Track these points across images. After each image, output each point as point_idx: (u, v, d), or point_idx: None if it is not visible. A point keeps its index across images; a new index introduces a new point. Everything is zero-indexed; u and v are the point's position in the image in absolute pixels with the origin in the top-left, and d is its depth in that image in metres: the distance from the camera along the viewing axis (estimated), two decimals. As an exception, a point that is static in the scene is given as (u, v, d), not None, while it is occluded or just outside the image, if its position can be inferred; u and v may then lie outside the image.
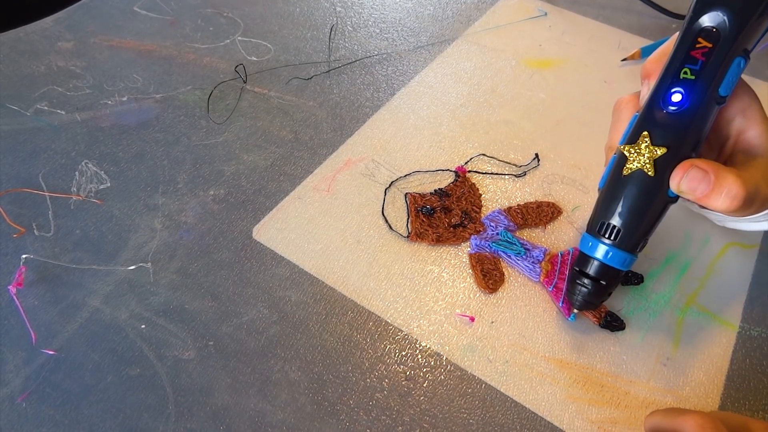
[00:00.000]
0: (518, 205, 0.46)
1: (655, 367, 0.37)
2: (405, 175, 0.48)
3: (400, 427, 0.34)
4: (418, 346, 0.38)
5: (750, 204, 0.32)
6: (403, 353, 0.38)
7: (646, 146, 0.33)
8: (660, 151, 0.32)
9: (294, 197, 0.46)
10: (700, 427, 0.27)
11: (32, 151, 0.48)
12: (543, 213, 0.45)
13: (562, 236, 0.44)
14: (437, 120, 0.53)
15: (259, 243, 0.43)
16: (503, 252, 0.42)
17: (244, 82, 0.56)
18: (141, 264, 0.41)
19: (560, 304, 0.39)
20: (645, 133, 0.33)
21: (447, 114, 0.54)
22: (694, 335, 0.39)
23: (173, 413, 0.34)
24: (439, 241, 0.43)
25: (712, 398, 0.36)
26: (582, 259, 0.36)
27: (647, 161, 0.33)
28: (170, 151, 0.49)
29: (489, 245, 0.42)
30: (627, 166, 0.33)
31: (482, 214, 0.45)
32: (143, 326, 0.38)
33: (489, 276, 0.41)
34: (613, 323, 0.39)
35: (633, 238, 0.34)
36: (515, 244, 0.43)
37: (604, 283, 0.35)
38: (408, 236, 0.43)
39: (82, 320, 0.38)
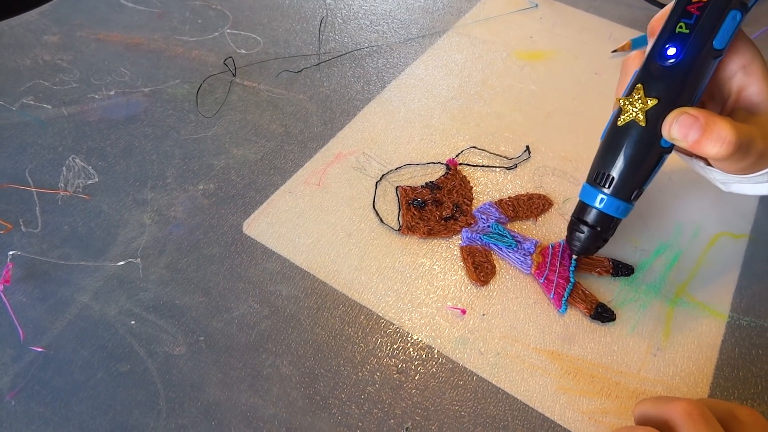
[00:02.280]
0: (509, 197, 0.46)
1: (646, 357, 0.37)
2: (396, 168, 0.48)
3: (392, 420, 0.34)
4: (409, 339, 0.38)
5: (744, 154, 0.32)
6: (395, 346, 0.38)
7: (639, 98, 0.34)
8: (651, 102, 0.34)
9: (284, 191, 0.46)
10: (688, 413, 0.27)
11: (18, 147, 0.48)
12: (534, 205, 0.45)
13: (553, 228, 0.44)
14: (428, 113, 0.53)
15: (249, 237, 0.43)
16: (494, 244, 0.42)
17: (234, 75, 0.55)
18: (130, 259, 0.41)
19: (551, 296, 0.39)
20: (639, 85, 0.34)
21: (438, 106, 0.53)
22: (684, 325, 0.39)
23: (164, 409, 0.34)
24: (430, 234, 0.43)
25: (702, 388, 0.36)
26: (580, 207, 0.38)
27: (639, 112, 0.34)
28: (159, 146, 0.49)
29: (480, 238, 0.42)
30: (621, 117, 0.35)
31: (473, 207, 0.45)
32: (133, 322, 0.38)
33: (480, 268, 0.41)
34: (603, 314, 0.39)
35: (627, 187, 0.35)
36: (506, 237, 0.43)
37: (599, 229, 0.37)
38: (399, 229, 0.43)
39: (71, 317, 0.38)
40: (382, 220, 0.44)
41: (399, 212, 0.44)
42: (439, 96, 0.54)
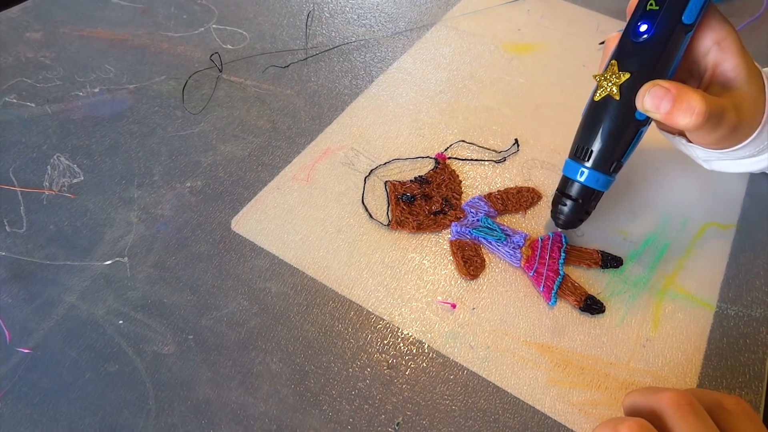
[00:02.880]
0: (498, 191, 0.46)
1: (635, 348, 0.38)
2: (384, 163, 0.47)
3: (383, 416, 0.34)
4: (399, 334, 0.38)
5: (716, 125, 0.34)
6: (385, 342, 0.37)
7: (613, 73, 0.36)
8: (624, 76, 0.35)
9: (272, 187, 0.45)
10: (676, 403, 0.27)
11: (2, 146, 0.47)
12: (523, 198, 0.45)
13: (542, 221, 0.44)
14: (416, 107, 0.52)
15: (237, 234, 0.42)
16: (484, 238, 0.42)
17: (220, 71, 0.55)
18: (117, 258, 0.41)
19: (541, 289, 0.40)
20: (614, 61, 0.36)
21: (426, 100, 0.53)
22: (673, 316, 0.39)
23: (154, 408, 0.34)
24: (419, 228, 0.43)
25: (691, 377, 0.37)
26: (563, 181, 0.40)
27: (614, 86, 0.36)
28: (145, 143, 0.48)
29: (469, 232, 0.42)
30: (597, 92, 0.37)
31: (462, 201, 0.45)
32: (121, 321, 0.37)
33: (470, 262, 0.41)
34: (593, 306, 0.39)
35: (606, 160, 0.37)
36: (496, 230, 0.43)
37: (581, 201, 0.39)
38: (388, 224, 0.43)
39: (57, 317, 0.38)
40: (371, 216, 0.44)
41: (388, 207, 0.44)
42: (427, 90, 0.54)
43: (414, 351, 0.37)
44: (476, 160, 0.48)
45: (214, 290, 0.39)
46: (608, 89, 0.36)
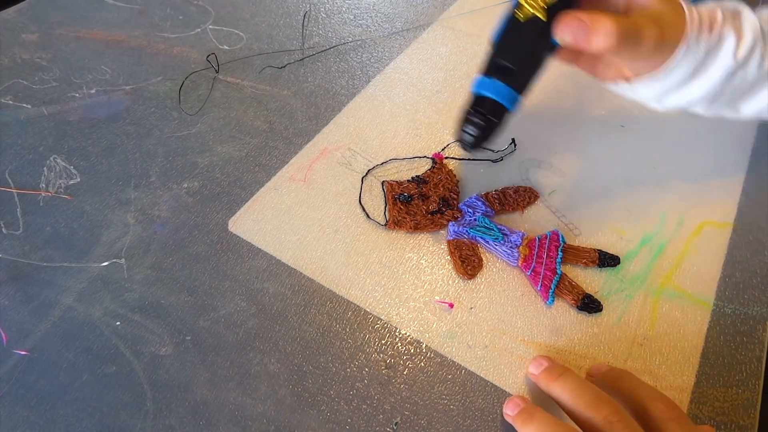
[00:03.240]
0: (495, 190, 0.46)
1: (632, 346, 0.38)
2: (382, 163, 0.47)
3: (381, 416, 0.34)
4: (397, 334, 0.38)
5: (636, 41, 0.34)
6: (383, 342, 0.37)
7: None
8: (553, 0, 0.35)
9: (270, 188, 0.45)
10: (609, 422, 0.29)
11: (-2, 147, 0.47)
12: (520, 198, 0.45)
13: (539, 220, 0.44)
14: (413, 107, 0.52)
15: (235, 235, 0.42)
16: (481, 238, 0.42)
17: (216, 71, 0.55)
18: (114, 260, 0.41)
19: (538, 288, 0.40)
20: None
21: (423, 100, 0.53)
22: (670, 314, 0.39)
23: (151, 410, 0.34)
24: (416, 228, 0.43)
25: (688, 376, 0.37)
26: (474, 99, 0.38)
27: (541, 7, 0.35)
28: (142, 144, 0.48)
29: (467, 231, 0.42)
30: (523, 12, 0.36)
31: (460, 201, 0.45)
32: (118, 323, 0.37)
33: (467, 262, 0.41)
34: (590, 305, 0.39)
35: (521, 78, 0.37)
36: (493, 230, 0.43)
37: (493, 118, 0.37)
38: (386, 224, 0.43)
39: (54, 319, 0.37)
40: (368, 216, 0.44)
41: (385, 207, 0.44)
42: (424, 90, 0.54)
43: (412, 351, 0.37)
44: (473, 159, 0.48)
45: (211, 291, 0.39)
46: (537, 7, 0.35)
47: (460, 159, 0.48)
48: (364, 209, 0.44)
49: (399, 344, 0.37)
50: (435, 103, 0.53)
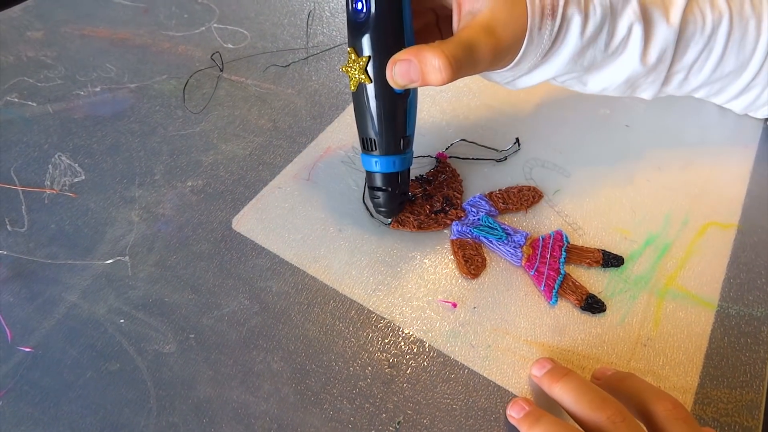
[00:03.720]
0: (499, 190, 0.46)
1: (636, 347, 0.38)
2: (385, 162, 0.47)
3: (384, 415, 0.34)
4: (400, 333, 0.38)
5: (472, 63, 0.33)
6: (386, 341, 0.37)
7: (354, 60, 0.35)
8: (364, 60, 0.34)
9: (274, 186, 0.45)
10: (612, 422, 0.29)
11: (3, 145, 0.47)
12: (524, 197, 0.45)
13: (543, 220, 0.44)
14: (417, 106, 0.52)
15: (238, 234, 0.42)
16: (485, 237, 0.42)
17: (221, 70, 0.55)
18: (118, 258, 0.41)
19: (542, 288, 0.40)
20: (350, 49, 0.35)
21: (427, 99, 0.53)
22: (674, 315, 0.39)
23: (155, 407, 0.34)
24: (420, 227, 0.43)
25: (692, 377, 0.36)
26: (367, 176, 0.40)
27: (360, 73, 0.35)
28: (146, 142, 0.48)
29: (470, 231, 0.42)
30: (351, 84, 0.36)
31: (463, 200, 0.45)
32: (122, 320, 0.38)
33: (471, 261, 0.41)
34: (594, 305, 0.39)
35: (391, 142, 0.37)
36: (496, 229, 0.43)
37: (390, 189, 0.39)
38: (389, 224, 0.43)
39: (59, 316, 0.38)
40: (372, 215, 0.44)
41: (389, 206, 0.44)
42: (428, 89, 0.54)
43: (415, 350, 0.37)
44: (477, 159, 0.48)
45: (215, 289, 0.39)
46: (358, 77, 0.35)
47: (463, 158, 0.48)
48: (368, 208, 0.44)
49: (402, 343, 0.37)
50: (439, 102, 0.53)
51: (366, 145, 0.38)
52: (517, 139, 0.49)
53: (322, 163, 0.47)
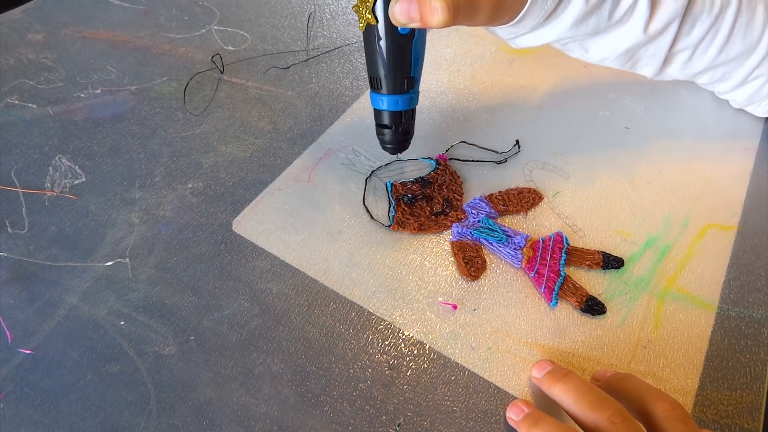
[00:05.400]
0: (499, 191, 0.46)
1: (636, 349, 0.38)
2: (386, 164, 0.47)
3: (384, 417, 0.34)
4: (400, 335, 0.38)
5: (472, 10, 0.34)
6: (386, 343, 0.37)
7: (363, 0, 0.36)
8: (371, 0, 0.35)
9: (274, 188, 0.45)
10: (611, 422, 0.29)
11: (4, 147, 0.47)
12: (524, 199, 0.45)
13: (543, 222, 0.44)
14: (417, 108, 0.52)
15: (239, 235, 0.42)
16: (485, 239, 0.42)
17: (221, 72, 0.55)
18: (119, 259, 0.41)
19: (542, 290, 0.40)
20: None
21: (427, 102, 0.53)
22: (674, 317, 0.39)
23: (155, 409, 0.34)
24: (420, 229, 0.43)
25: (692, 379, 0.36)
26: (374, 113, 0.41)
27: (367, 12, 0.36)
28: (146, 144, 0.48)
29: (471, 233, 0.42)
30: (359, 24, 0.37)
31: (463, 202, 0.45)
32: (122, 322, 0.38)
33: (471, 263, 0.41)
34: (594, 307, 0.39)
35: (396, 82, 0.39)
36: (497, 231, 0.43)
37: (394, 126, 0.41)
38: (389, 225, 0.43)
39: (59, 318, 0.38)
40: (372, 217, 0.44)
41: (390, 207, 0.44)
42: (428, 91, 0.54)
43: (415, 352, 0.37)
44: (477, 161, 0.48)
45: (215, 291, 0.39)
46: (365, 17, 0.36)
47: (463, 160, 0.48)
48: (368, 210, 0.44)
49: (402, 345, 0.37)
50: (439, 105, 0.53)
51: (373, 83, 0.40)
52: (517, 141, 0.50)
53: (322, 165, 0.47)
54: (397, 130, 0.41)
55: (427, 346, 0.37)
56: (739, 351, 0.38)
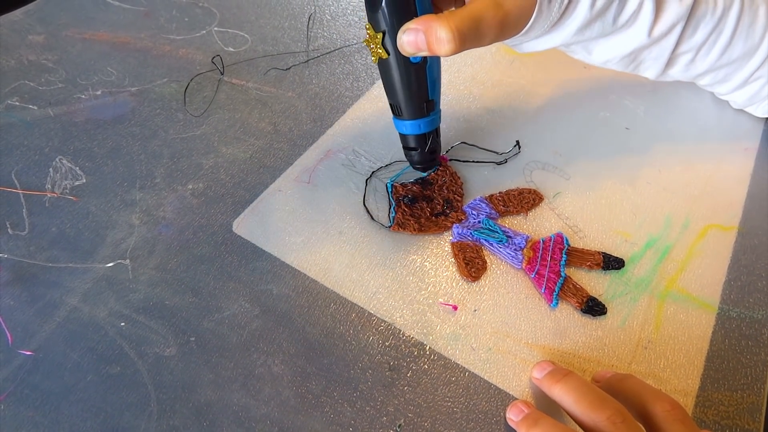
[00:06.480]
0: (500, 192, 0.46)
1: (636, 350, 0.38)
2: (386, 165, 0.47)
3: (385, 418, 0.34)
4: (401, 336, 0.38)
5: (478, 35, 0.34)
6: (387, 344, 0.37)
7: (371, 36, 0.37)
8: (380, 35, 0.36)
9: (274, 189, 0.45)
10: (612, 423, 0.29)
11: (4, 148, 0.47)
12: (524, 200, 0.45)
13: (543, 223, 0.44)
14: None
15: (239, 237, 0.42)
16: (485, 240, 0.42)
17: (222, 73, 0.55)
18: (119, 261, 0.41)
19: (542, 291, 0.40)
20: (367, 25, 0.37)
21: (427, 102, 0.53)
22: (675, 318, 0.39)
23: (155, 411, 0.34)
24: (421, 230, 0.43)
25: (692, 380, 0.36)
26: (400, 137, 0.43)
27: (378, 47, 0.37)
28: (147, 146, 0.48)
29: (471, 233, 0.42)
30: (372, 57, 0.38)
31: (464, 203, 0.45)
32: (123, 324, 0.38)
33: (471, 264, 0.41)
34: (594, 308, 0.39)
35: (415, 107, 0.39)
36: (497, 232, 0.43)
37: (419, 148, 0.42)
38: (390, 226, 0.43)
39: (59, 319, 0.38)
40: (372, 217, 0.44)
41: (391, 208, 0.44)
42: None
43: (415, 353, 0.37)
44: (478, 161, 0.48)
45: (215, 292, 0.39)
46: (376, 51, 0.37)
47: (464, 161, 0.48)
48: (368, 211, 0.44)
49: (402, 346, 0.37)
50: (439, 105, 0.53)
51: (394, 110, 0.41)
52: (518, 142, 0.50)
53: (322, 166, 0.47)
54: (424, 151, 0.42)
55: (428, 347, 0.37)
56: (739, 352, 0.38)
